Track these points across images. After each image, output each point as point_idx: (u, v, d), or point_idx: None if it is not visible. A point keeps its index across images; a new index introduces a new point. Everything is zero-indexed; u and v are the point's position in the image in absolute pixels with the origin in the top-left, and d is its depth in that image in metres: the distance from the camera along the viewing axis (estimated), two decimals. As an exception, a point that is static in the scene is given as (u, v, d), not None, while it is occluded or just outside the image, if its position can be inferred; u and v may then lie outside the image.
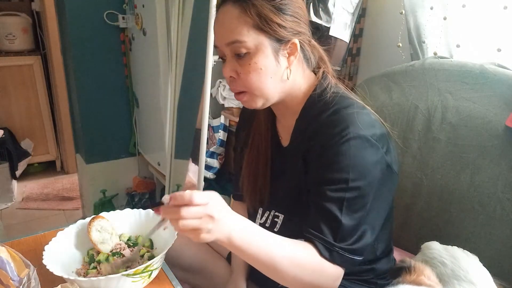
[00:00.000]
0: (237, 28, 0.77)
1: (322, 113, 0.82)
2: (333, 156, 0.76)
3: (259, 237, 0.72)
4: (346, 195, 0.75)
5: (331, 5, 1.43)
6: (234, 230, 0.69)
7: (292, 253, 0.74)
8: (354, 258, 0.76)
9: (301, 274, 0.73)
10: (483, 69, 1.09)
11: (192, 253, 1.11)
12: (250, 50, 0.78)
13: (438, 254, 0.95)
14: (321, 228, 0.75)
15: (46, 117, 3.11)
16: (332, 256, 0.74)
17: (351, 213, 0.75)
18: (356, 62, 1.73)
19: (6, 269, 0.67)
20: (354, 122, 0.77)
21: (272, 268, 0.72)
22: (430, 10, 1.30)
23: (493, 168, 1.03)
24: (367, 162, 0.77)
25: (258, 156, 0.96)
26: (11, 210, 2.71)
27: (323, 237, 0.75)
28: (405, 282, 0.77)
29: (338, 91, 0.85)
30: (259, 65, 0.79)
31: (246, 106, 0.87)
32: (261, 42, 0.78)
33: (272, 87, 0.82)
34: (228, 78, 0.83)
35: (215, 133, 2.18)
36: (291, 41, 0.81)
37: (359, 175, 0.75)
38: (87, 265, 0.86)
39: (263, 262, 0.72)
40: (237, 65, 0.80)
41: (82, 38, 2.08)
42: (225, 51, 0.81)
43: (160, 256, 0.79)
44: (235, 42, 0.78)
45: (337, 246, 0.74)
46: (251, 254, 0.71)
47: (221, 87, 2.05)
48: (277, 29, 0.78)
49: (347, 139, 0.76)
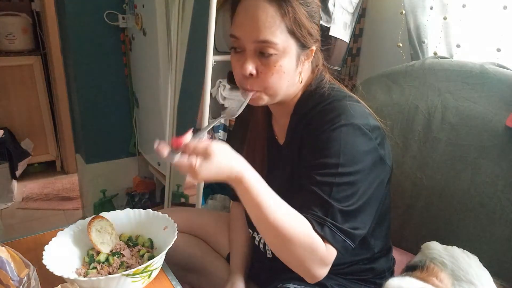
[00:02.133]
0: (272, 28, 0.74)
1: (317, 106, 0.82)
2: (324, 141, 0.76)
3: (269, 190, 0.71)
4: (336, 179, 0.74)
5: (331, 5, 1.43)
6: (248, 169, 0.69)
7: (293, 219, 0.72)
8: (345, 241, 0.74)
9: (295, 244, 0.71)
10: (483, 69, 1.09)
11: (192, 253, 1.11)
12: (278, 52, 0.76)
13: (438, 254, 0.95)
14: (312, 208, 0.74)
15: (46, 117, 3.11)
16: (324, 231, 0.72)
17: (341, 198, 0.74)
18: (356, 62, 1.73)
19: (6, 269, 0.67)
20: (346, 111, 0.77)
21: (272, 222, 0.70)
22: (430, 10, 1.30)
23: (493, 168, 1.03)
24: (358, 149, 0.76)
25: (254, 155, 0.96)
26: (11, 210, 2.71)
27: (315, 213, 0.73)
28: (413, 277, 0.77)
29: (333, 87, 0.85)
30: (283, 69, 0.78)
31: (252, 103, 0.84)
32: (290, 46, 0.77)
33: (284, 89, 0.82)
34: (246, 75, 0.79)
35: (215, 133, 2.18)
36: (311, 48, 0.81)
37: (349, 161, 0.74)
38: (87, 265, 0.86)
39: (265, 214, 0.70)
40: (259, 64, 0.78)
41: (82, 38, 2.08)
42: (247, 46, 0.77)
43: (160, 256, 0.79)
44: (266, 42, 0.75)
45: (328, 221, 0.72)
46: (258, 201, 0.69)
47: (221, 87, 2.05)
48: (306, 36, 0.78)
49: (338, 125, 0.75)
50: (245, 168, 0.70)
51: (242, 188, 0.69)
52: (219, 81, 2.06)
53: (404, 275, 0.81)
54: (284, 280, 0.86)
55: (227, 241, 1.11)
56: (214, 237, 1.14)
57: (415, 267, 0.86)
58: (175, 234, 0.82)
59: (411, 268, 0.87)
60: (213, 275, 1.09)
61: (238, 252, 1.03)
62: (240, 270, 1.01)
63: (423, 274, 0.82)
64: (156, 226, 0.92)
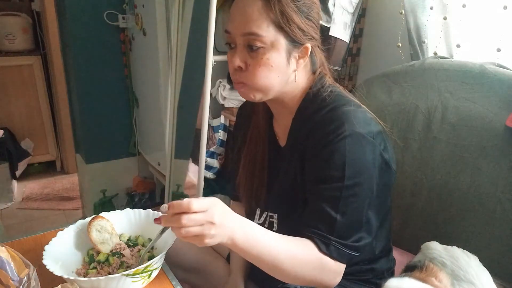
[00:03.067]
0: (258, 21, 0.76)
1: (319, 111, 0.82)
2: (329, 154, 0.76)
3: (261, 237, 0.73)
4: (342, 193, 0.75)
5: (331, 5, 1.42)
6: (237, 233, 0.70)
7: (293, 250, 0.74)
8: (351, 254, 0.77)
9: (302, 271, 0.74)
10: (483, 69, 1.09)
11: (192, 253, 1.11)
12: (265, 46, 0.77)
13: (437, 254, 0.95)
14: (318, 226, 0.76)
15: (46, 117, 3.11)
16: (330, 250, 0.75)
17: (348, 211, 0.76)
18: (356, 62, 1.72)
19: (6, 269, 0.67)
20: (349, 120, 0.77)
21: (274, 266, 0.73)
22: (430, 10, 1.30)
23: (493, 168, 1.03)
24: (363, 160, 0.77)
25: (255, 156, 0.96)
26: (11, 210, 2.71)
27: (320, 233, 0.76)
28: (412, 277, 0.78)
29: (334, 90, 0.85)
30: (271, 62, 0.78)
31: (242, 97, 0.86)
32: (278, 40, 0.77)
33: (276, 85, 0.82)
34: (235, 68, 0.81)
35: (215, 133, 2.18)
36: (304, 45, 0.81)
37: (355, 173, 0.75)
38: (87, 265, 0.86)
39: (265, 261, 0.73)
40: (247, 57, 0.79)
41: (82, 38, 2.08)
42: (237, 40, 0.79)
43: (160, 256, 0.79)
44: (253, 34, 0.76)
45: (333, 240, 0.75)
46: (254, 254, 0.72)
47: (221, 87, 2.05)
48: (296, 30, 0.78)
49: (342, 137, 0.76)
50: (234, 231, 0.70)
51: (237, 250, 0.71)
52: (219, 81, 2.06)
53: (403, 275, 0.82)
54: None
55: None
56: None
57: (414, 267, 0.86)
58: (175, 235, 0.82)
59: (410, 268, 0.87)
60: (213, 275, 1.09)
61: (238, 252, 1.03)
62: (240, 270, 1.01)
63: (422, 274, 0.82)
64: (156, 226, 0.91)
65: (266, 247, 0.72)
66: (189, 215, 0.65)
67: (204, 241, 0.67)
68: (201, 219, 0.65)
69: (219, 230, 0.67)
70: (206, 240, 0.67)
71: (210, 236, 0.67)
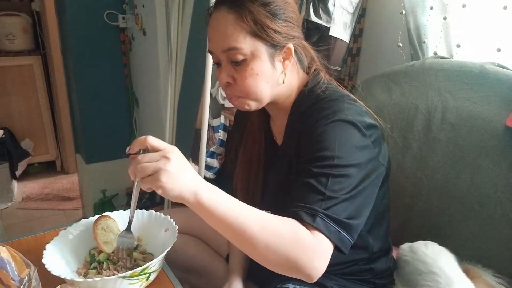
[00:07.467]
0: (233, 35, 0.77)
1: (313, 105, 0.82)
2: (319, 135, 0.76)
3: (228, 199, 0.67)
4: (332, 171, 0.71)
5: (331, 5, 1.42)
6: (201, 186, 0.65)
7: (265, 218, 0.68)
8: (340, 232, 0.69)
9: (274, 242, 0.65)
10: (483, 69, 1.09)
11: (192, 254, 1.11)
12: (246, 57, 0.78)
13: (402, 254, 0.95)
14: (305, 200, 0.70)
15: (46, 117, 3.12)
16: (316, 221, 0.67)
17: (337, 189, 0.71)
18: (356, 62, 1.72)
19: (7, 269, 0.67)
20: (341, 108, 0.78)
21: (242, 233, 0.66)
22: (430, 10, 1.30)
23: (493, 168, 1.03)
24: (353, 144, 0.75)
25: (251, 156, 0.97)
26: (11, 210, 2.71)
27: (306, 205, 0.69)
28: None
29: (329, 86, 0.85)
30: (256, 71, 0.79)
31: (239, 109, 0.87)
32: (257, 48, 0.78)
33: (267, 91, 0.83)
34: (224, 84, 0.84)
35: (215, 133, 2.18)
36: (286, 46, 0.81)
37: (345, 154, 0.73)
38: (88, 265, 0.86)
39: (232, 225, 0.66)
40: (233, 71, 0.81)
41: (82, 38, 2.08)
42: (220, 57, 0.81)
43: (158, 259, 0.78)
44: (232, 49, 0.78)
45: (320, 211, 0.68)
46: (219, 216, 0.65)
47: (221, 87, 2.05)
48: (272, 35, 0.78)
49: (332, 121, 0.76)
50: (198, 184, 0.66)
51: (201, 208, 0.66)
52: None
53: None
54: (283, 280, 0.86)
55: (227, 241, 1.11)
56: (213, 237, 1.14)
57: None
58: (175, 237, 0.82)
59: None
60: (213, 275, 1.09)
61: (237, 252, 1.03)
62: (239, 270, 1.01)
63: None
64: (157, 227, 0.92)
65: (234, 209, 0.66)
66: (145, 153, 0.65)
67: (161, 179, 0.62)
68: (156, 154, 0.64)
69: (177, 172, 0.63)
70: (163, 178, 0.62)
71: (166, 175, 0.62)
